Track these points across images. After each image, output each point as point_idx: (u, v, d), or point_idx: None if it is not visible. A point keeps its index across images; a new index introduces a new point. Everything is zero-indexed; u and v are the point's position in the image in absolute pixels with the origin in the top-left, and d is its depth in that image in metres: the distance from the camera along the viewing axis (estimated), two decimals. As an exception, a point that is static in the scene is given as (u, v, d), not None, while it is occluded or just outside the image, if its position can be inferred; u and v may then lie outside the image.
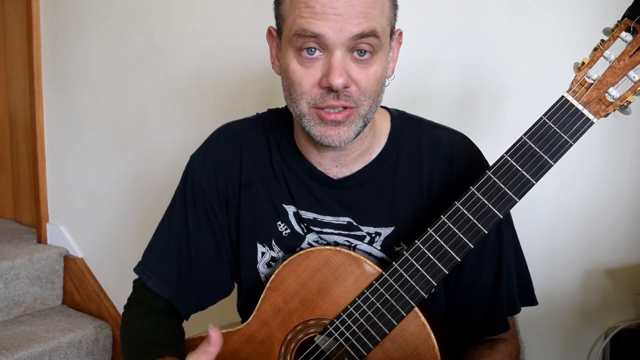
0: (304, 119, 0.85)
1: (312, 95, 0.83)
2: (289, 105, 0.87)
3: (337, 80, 0.79)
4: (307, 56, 0.81)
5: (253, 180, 0.97)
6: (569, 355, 1.45)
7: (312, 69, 0.81)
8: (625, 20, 0.75)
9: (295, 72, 0.82)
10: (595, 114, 0.76)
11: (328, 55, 0.80)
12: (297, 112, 0.85)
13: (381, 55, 0.83)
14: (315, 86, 0.82)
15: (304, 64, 0.82)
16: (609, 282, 1.40)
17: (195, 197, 0.99)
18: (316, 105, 0.83)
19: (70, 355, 1.86)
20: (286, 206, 0.96)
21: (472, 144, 0.97)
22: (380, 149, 0.95)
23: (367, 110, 0.85)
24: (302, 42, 0.80)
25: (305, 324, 0.89)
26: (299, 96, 0.83)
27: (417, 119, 0.99)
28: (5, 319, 1.93)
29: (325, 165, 0.94)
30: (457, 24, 1.39)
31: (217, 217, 0.99)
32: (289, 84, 0.84)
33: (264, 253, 0.96)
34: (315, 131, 0.85)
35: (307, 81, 0.82)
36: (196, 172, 1.00)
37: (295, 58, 0.82)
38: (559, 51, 1.30)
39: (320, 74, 0.81)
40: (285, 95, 0.87)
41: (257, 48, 1.63)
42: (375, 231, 0.93)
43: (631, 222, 1.37)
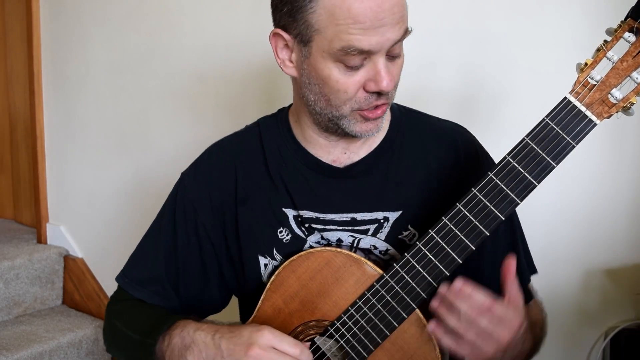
0: (344, 120, 0.87)
1: (357, 100, 0.84)
2: (322, 108, 0.87)
3: (388, 86, 0.82)
4: (351, 65, 0.82)
5: (250, 194, 0.97)
6: (569, 355, 1.45)
7: (357, 76, 0.83)
8: (628, 21, 0.74)
9: (340, 82, 0.83)
10: (598, 115, 0.76)
11: (371, 62, 0.82)
12: (335, 115, 0.87)
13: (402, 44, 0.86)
14: (360, 91, 0.84)
15: (346, 73, 0.83)
16: (609, 282, 1.40)
17: (186, 216, 0.98)
18: (360, 108, 0.85)
19: (70, 355, 1.86)
20: (286, 210, 0.95)
21: (472, 135, 1.01)
22: (383, 136, 0.96)
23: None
24: (348, 58, 0.81)
25: (306, 325, 0.89)
26: (342, 102, 0.85)
27: (414, 111, 1.01)
28: (5, 319, 1.93)
29: (333, 155, 0.95)
30: (457, 24, 1.39)
31: (210, 237, 0.98)
32: (329, 91, 0.85)
33: (266, 265, 0.96)
34: (355, 128, 0.87)
35: (353, 88, 0.83)
36: (187, 190, 0.99)
37: (336, 68, 0.83)
38: (560, 52, 1.30)
39: (365, 80, 0.83)
40: (317, 98, 0.87)
41: (257, 47, 1.63)
42: (384, 216, 0.93)
43: (631, 222, 1.37)
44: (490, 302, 0.77)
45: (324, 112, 0.88)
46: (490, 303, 0.77)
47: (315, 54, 0.84)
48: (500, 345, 0.77)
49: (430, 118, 1.01)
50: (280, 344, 0.79)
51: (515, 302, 0.79)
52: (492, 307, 0.76)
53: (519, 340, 0.80)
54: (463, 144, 0.97)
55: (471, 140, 0.99)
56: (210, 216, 0.98)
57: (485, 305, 0.76)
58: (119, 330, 0.97)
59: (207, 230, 0.98)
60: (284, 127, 0.98)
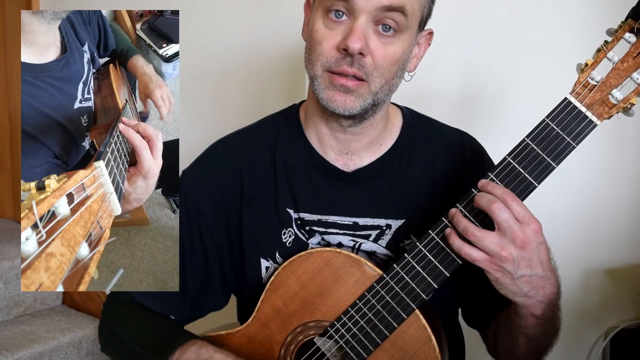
0: (316, 81, 0.86)
1: (327, 58, 0.83)
2: (306, 67, 0.88)
3: (354, 43, 0.80)
4: (334, 18, 0.82)
5: (255, 193, 0.96)
6: (569, 355, 1.45)
7: (335, 32, 0.83)
8: (628, 22, 0.74)
9: (319, 32, 0.84)
10: (598, 116, 0.76)
11: (352, 20, 0.81)
12: (311, 74, 0.86)
13: (404, 38, 0.84)
14: (333, 49, 0.83)
15: (328, 26, 0.83)
16: (609, 282, 1.40)
17: (190, 216, 0.98)
18: (330, 68, 0.84)
19: (70, 355, 1.85)
20: (290, 210, 0.95)
21: (480, 144, 1.00)
22: (393, 142, 0.96)
23: (378, 89, 0.85)
24: (331, 3, 0.81)
25: (305, 326, 0.89)
26: (316, 57, 0.84)
27: (426, 117, 1.01)
28: (5, 319, 1.93)
29: (336, 153, 0.94)
30: (458, 24, 1.39)
31: (213, 237, 0.97)
32: (311, 43, 0.85)
33: (267, 267, 0.95)
34: (323, 94, 0.85)
35: (327, 42, 0.83)
36: (190, 191, 0.98)
37: (322, 18, 0.84)
38: (561, 52, 1.30)
39: (341, 38, 0.82)
40: (305, 57, 0.88)
41: (257, 48, 1.63)
42: (387, 223, 0.93)
43: (631, 222, 1.37)
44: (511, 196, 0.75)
45: (308, 73, 0.87)
46: (511, 196, 0.75)
47: (315, 8, 0.85)
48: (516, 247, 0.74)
49: (441, 127, 1.00)
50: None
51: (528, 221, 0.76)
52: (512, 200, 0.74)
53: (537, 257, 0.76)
54: (471, 155, 0.96)
55: (478, 148, 0.99)
56: (214, 215, 0.97)
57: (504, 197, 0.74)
58: (121, 339, 0.96)
59: (210, 230, 0.97)
60: (294, 124, 0.98)
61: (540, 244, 0.76)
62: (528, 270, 0.76)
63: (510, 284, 0.77)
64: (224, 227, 0.97)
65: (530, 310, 0.81)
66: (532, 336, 0.86)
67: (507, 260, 0.75)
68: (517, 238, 0.74)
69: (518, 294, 0.78)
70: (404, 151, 0.95)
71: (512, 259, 0.75)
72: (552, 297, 0.81)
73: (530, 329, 0.84)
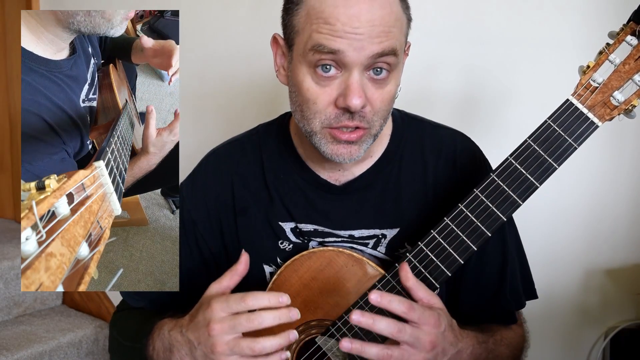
0: (315, 137, 0.83)
1: (326, 115, 0.81)
2: (298, 120, 0.86)
3: (355, 101, 0.77)
4: (323, 74, 0.79)
5: (248, 205, 0.96)
6: (569, 355, 1.45)
7: (328, 88, 0.80)
8: (630, 24, 0.75)
9: (310, 90, 0.80)
10: (600, 117, 0.76)
11: (345, 74, 0.78)
12: (307, 130, 0.84)
13: (396, 74, 0.82)
14: (330, 105, 0.80)
15: (319, 82, 0.80)
16: (609, 282, 1.40)
17: (186, 227, 0.98)
18: (330, 125, 0.81)
19: (70, 355, 1.85)
20: (282, 224, 0.94)
21: (474, 143, 0.98)
22: (383, 150, 0.94)
23: (378, 129, 0.84)
24: (318, 58, 0.78)
25: (307, 325, 0.89)
26: (312, 114, 0.82)
27: (417, 119, 0.99)
28: (5, 319, 1.93)
29: (328, 171, 0.93)
30: (458, 25, 1.39)
31: (210, 247, 0.97)
32: (302, 101, 0.82)
33: (272, 273, 0.95)
34: (326, 149, 0.84)
35: (323, 100, 0.80)
36: (186, 202, 0.99)
37: (309, 75, 0.80)
38: (562, 54, 1.30)
39: (337, 94, 0.79)
40: (294, 108, 0.85)
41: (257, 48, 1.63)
42: (382, 233, 0.92)
43: (631, 222, 1.38)
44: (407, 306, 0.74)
45: (300, 124, 0.85)
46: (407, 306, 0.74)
47: (295, 58, 0.82)
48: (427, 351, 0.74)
49: (433, 128, 0.98)
50: (229, 307, 0.75)
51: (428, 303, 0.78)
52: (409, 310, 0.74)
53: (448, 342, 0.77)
54: (460, 155, 0.94)
55: (469, 149, 0.96)
56: (209, 226, 0.97)
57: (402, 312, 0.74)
58: (115, 338, 0.97)
59: (206, 241, 0.97)
60: (284, 137, 0.97)
61: (445, 331, 0.77)
62: (445, 357, 0.77)
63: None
64: (219, 237, 0.98)
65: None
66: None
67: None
68: (426, 343, 0.74)
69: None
70: (395, 158, 0.94)
71: None
72: (475, 350, 0.83)
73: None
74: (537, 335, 1.41)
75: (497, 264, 0.93)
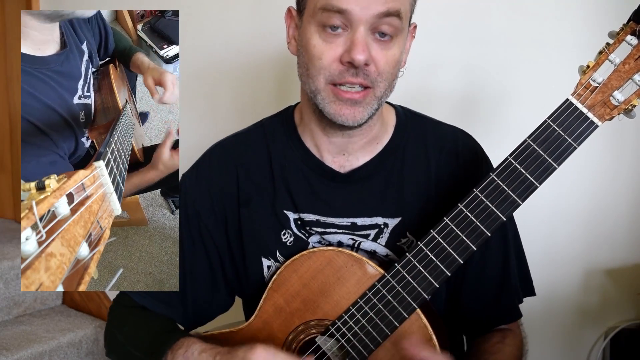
0: (319, 95, 0.85)
1: (330, 71, 0.83)
2: (304, 82, 0.88)
3: (359, 55, 0.80)
4: (330, 32, 0.82)
5: (252, 196, 0.96)
6: (569, 355, 1.45)
7: (334, 44, 0.82)
8: (630, 24, 0.75)
9: (317, 47, 0.83)
10: (599, 117, 0.76)
11: (351, 31, 0.81)
12: (312, 88, 0.86)
13: (400, 40, 0.85)
14: (335, 61, 0.83)
15: (326, 39, 0.82)
16: (609, 282, 1.40)
17: (190, 218, 0.98)
18: (333, 81, 0.83)
19: (70, 355, 1.85)
20: (287, 212, 0.95)
21: (475, 140, 0.99)
22: (387, 140, 0.96)
23: (383, 93, 0.86)
24: (327, 17, 0.81)
25: (307, 325, 0.90)
26: (317, 71, 0.84)
27: (419, 115, 1.01)
28: (5, 319, 1.93)
29: (332, 155, 0.94)
30: (458, 25, 1.39)
31: (213, 239, 0.98)
32: (308, 58, 0.84)
33: (269, 267, 0.96)
34: (329, 109, 0.85)
35: (328, 56, 0.82)
36: (189, 193, 0.99)
37: (317, 33, 0.83)
38: (562, 54, 1.30)
39: (342, 50, 0.82)
40: (302, 71, 0.88)
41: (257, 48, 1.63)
42: (384, 222, 0.93)
43: (631, 222, 1.38)
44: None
45: (306, 87, 0.87)
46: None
47: (305, 20, 0.85)
48: None
49: (434, 125, 0.99)
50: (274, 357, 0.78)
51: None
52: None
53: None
54: (464, 152, 0.96)
55: (471, 146, 0.98)
56: (213, 217, 0.98)
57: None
58: (120, 343, 0.96)
59: (210, 231, 0.98)
60: (289, 126, 0.98)
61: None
62: None
63: None
64: (223, 228, 0.98)
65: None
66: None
67: None
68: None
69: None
70: (398, 150, 0.95)
71: None
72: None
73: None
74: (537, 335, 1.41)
75: (499, 262, 0.94)
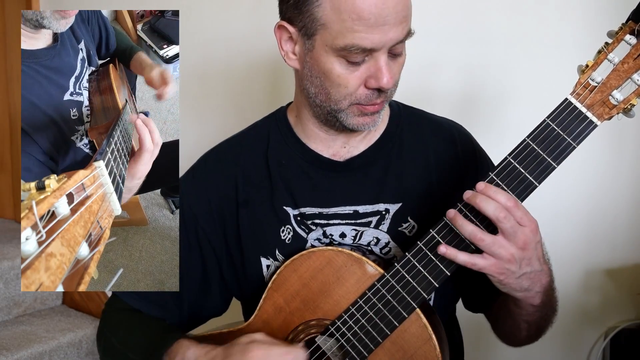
0: (341, 113, 0.88)
1: (356, 96, 0.86)
2: (321, 101, 0.89)
3: (388, 83, 0.83)
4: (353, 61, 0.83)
5: (250, 196, 0.97)
6: (569, 355, 1.45)
7: (358, 72, 0.84)
8: (629, 24, 0.75)
9: (341, 77, 0.85)
10: (598, 116, 0.76)
11: (372, 58, 0.83)
12: (333, 109, 0.88)
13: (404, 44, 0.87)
14: (361, 87, 0.85)
15: (348, 68, 0.84)
16: (609, 282, 1.40)
17: (186, 222, 0.98)
18: (360, 103, 0.87)
19: (70, 355, 1.85)
20: (287, 208, 0.96)
21: (468, 131, 1.03)
22: (383, 129, 0.98)
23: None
24: (350, 54, 0.82)
25: (307, 325, 0.90)
26: (342, 97, 0.86)
27: (412, 108, 1.03)
28: (5, 319, 1.93)
29: (333, 149, 0.96)
30: (458, 25, 1.39)
31: (210, 242, 0.98)
32: (330, 85, 0.86)
33: (269, 266, 0.96)
34: (352, 121, 0.88)
35: (354, 84, 0.85)
36: (186, 197, 0.99)
37: (338, 63, 0.84)
38: (561, 53, 1.30)
39: (366, 76, 0.84)
40: (317, 91, 0.88)
41: (257, 48, 1.63)
42: (385, 207, 0.94)
43: (631, 222, 1.38)
44: (514, 202, 0.76)
45: (323, 105, 0.89)
46: (514, 202, 0.76)
47: (318, 48, 0.85)
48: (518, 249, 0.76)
49: (427, 114, 1.03)
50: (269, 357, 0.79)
51: None
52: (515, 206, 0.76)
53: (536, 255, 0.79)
54: (460, 139, 0.99)
55: (468, 135, 1.02)
56: (210, 220, 0.98)
57: (508, 204, 0.76)
58: (115, 348, 0.96)
59: (207, 234, 0.98)
60: (283, 125, 0.99)
61: (538, 243, 0.80)
62: (528, 268, 0.79)
63: (513, 283, 0.80)
64: (220, 231, 0.98)
65: (529, 302, 0.84)
66: (532, 322, 0.90)
67: (512, 262, 0.77)
68: (519, 240, 0.77)
69: (519, 290, 0.81)
70: (395, 136, 0.97)
71: (515, 261, 0.78)
72: (547, 285, 0.85)
73: (531, 316, 0.88)
74: (536, 335, 1.41)
75: None
